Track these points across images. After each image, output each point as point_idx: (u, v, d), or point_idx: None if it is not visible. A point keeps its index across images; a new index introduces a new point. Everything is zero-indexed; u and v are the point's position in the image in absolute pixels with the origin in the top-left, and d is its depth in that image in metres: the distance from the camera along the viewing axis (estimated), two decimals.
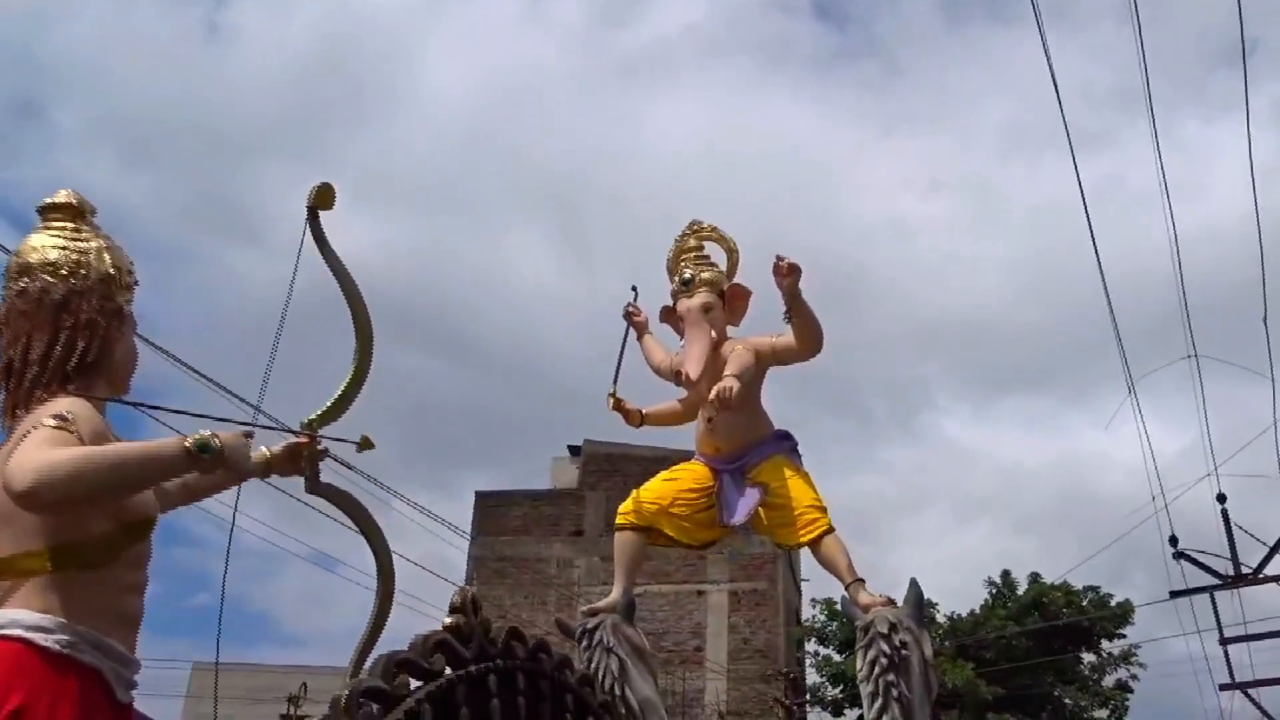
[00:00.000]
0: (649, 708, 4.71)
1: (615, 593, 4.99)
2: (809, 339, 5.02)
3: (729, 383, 4.79)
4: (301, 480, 3.02)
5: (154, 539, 2.83)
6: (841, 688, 21.64)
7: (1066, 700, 21.30)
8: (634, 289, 5.54)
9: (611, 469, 27.70)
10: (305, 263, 2.93)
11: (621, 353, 5.31)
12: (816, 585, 25.31)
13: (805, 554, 5.03)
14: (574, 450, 28.87)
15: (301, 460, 3.01)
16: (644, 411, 5.39)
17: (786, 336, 5.06)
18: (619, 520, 5.11)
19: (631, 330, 5.47)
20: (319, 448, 3.04)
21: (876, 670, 4.54)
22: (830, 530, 4.94)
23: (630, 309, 5.46)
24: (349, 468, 11.54)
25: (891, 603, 4.80)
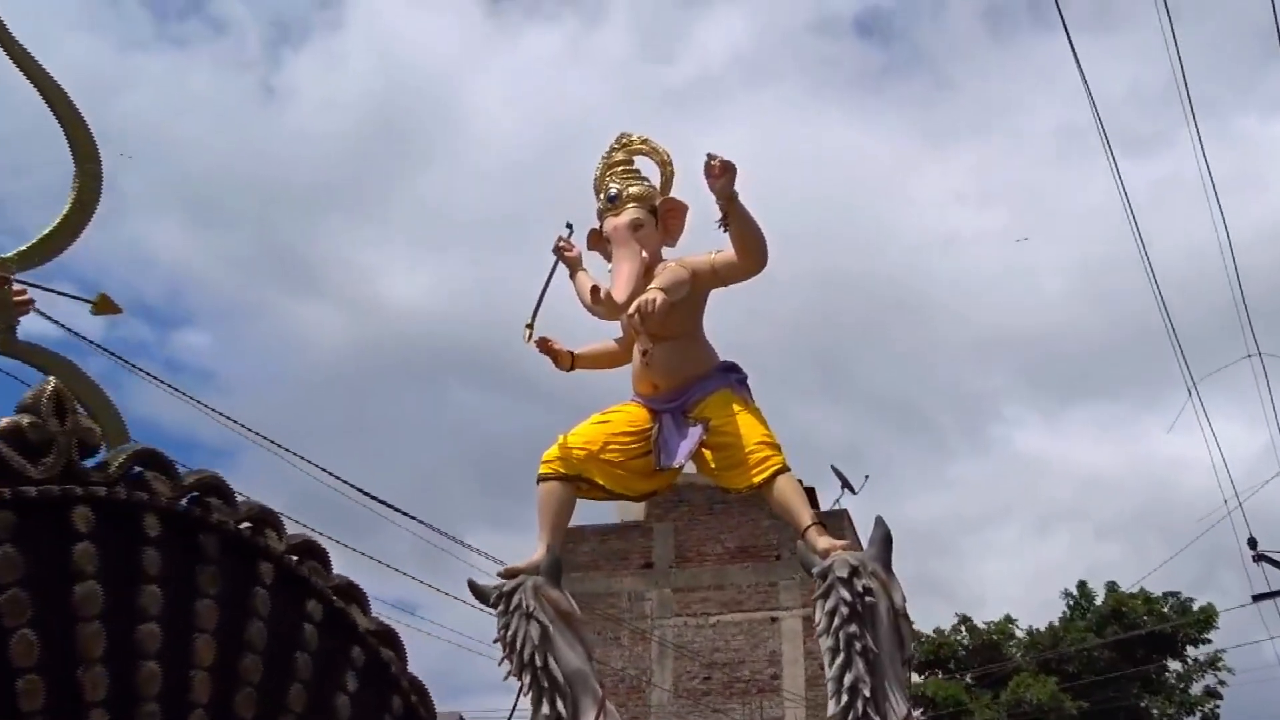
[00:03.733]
0: (577, 679, 4.11)
1: (538, 551, 4.37)
2: (750, 250, 4.39)
3: (652, 295, 4.19)
4: None
5: None
6: (922, 710, 20.82)
7: (1154, 710, 20.31)
8: (568, 225, 4.94)
9: (677, 499, 27.16)
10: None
11: (545, 287, 4.72)
12: None
13: None
14: None
15: None
16: (575, 353, 4.82)
17: (727, 252, 4.43)
18: (542, 469, 4.50)
19: (562, 266, 4.83)
20: (21, 297, 2.44)
21: (836, 621, 3.96)
22: (784, 469, 4.29)
23: (561, 243, 4.83)
24: (418, 520, 11.16)
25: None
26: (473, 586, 4.38)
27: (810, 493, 23.65)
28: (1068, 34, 7.04)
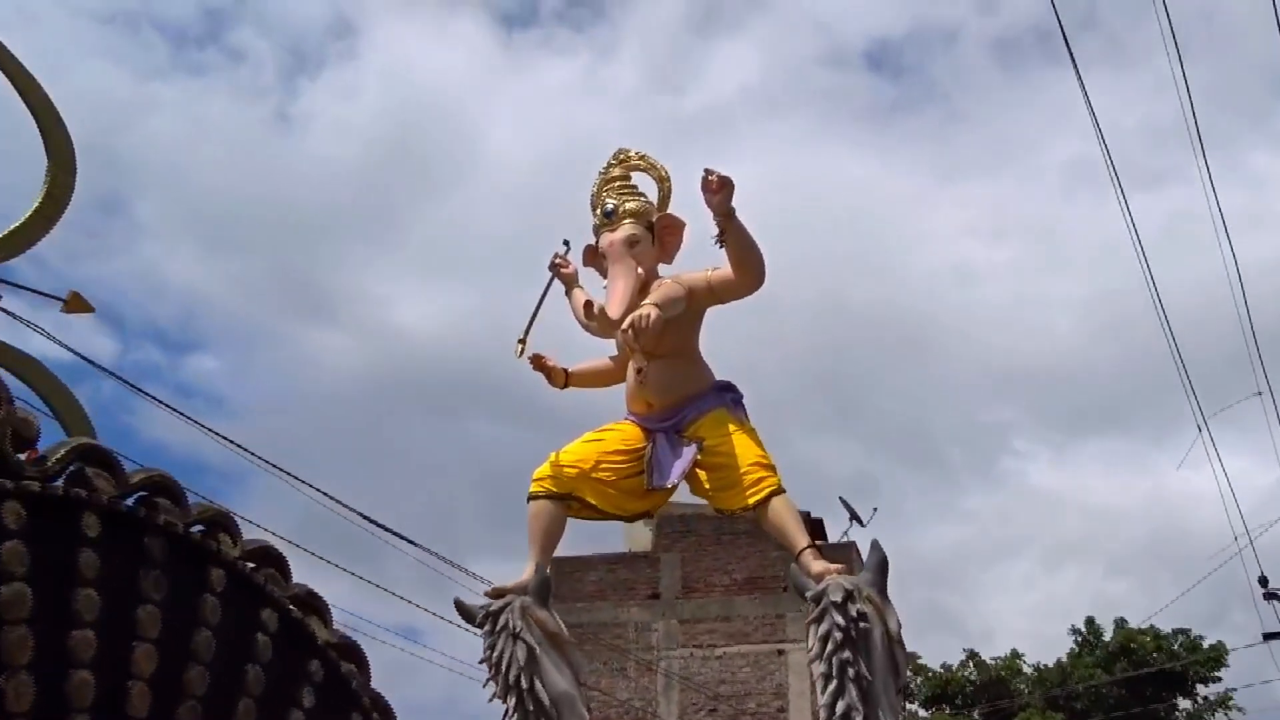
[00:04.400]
0: (564, 703, 4.02)
1: (526, 571, 4.28)
2: (748, 267, 4.31)
3: (646, 310, 4.10)
4: None
5: None
6: None
7: None
8: (565, 242, 4.85)
9: (685, 530, 26.99)
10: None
11: (539, 303, 4.61)
12: None
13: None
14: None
15: None
16: (569, 370, 4.74)
17: (723, 269, 4.35)
18: (533, 488, 4.42)
19: (558, 284, 4.74)
20: None
21: (830, 647, 3.85)
22: (780, 491, 4.20)
23: (557, 260, 4.75)
24: (421, 546, 11.18)
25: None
26: (459, 606, 4.28)
27: (818, 524, 23.47)
28: (1076, 69, 7.00)
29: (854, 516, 21.89)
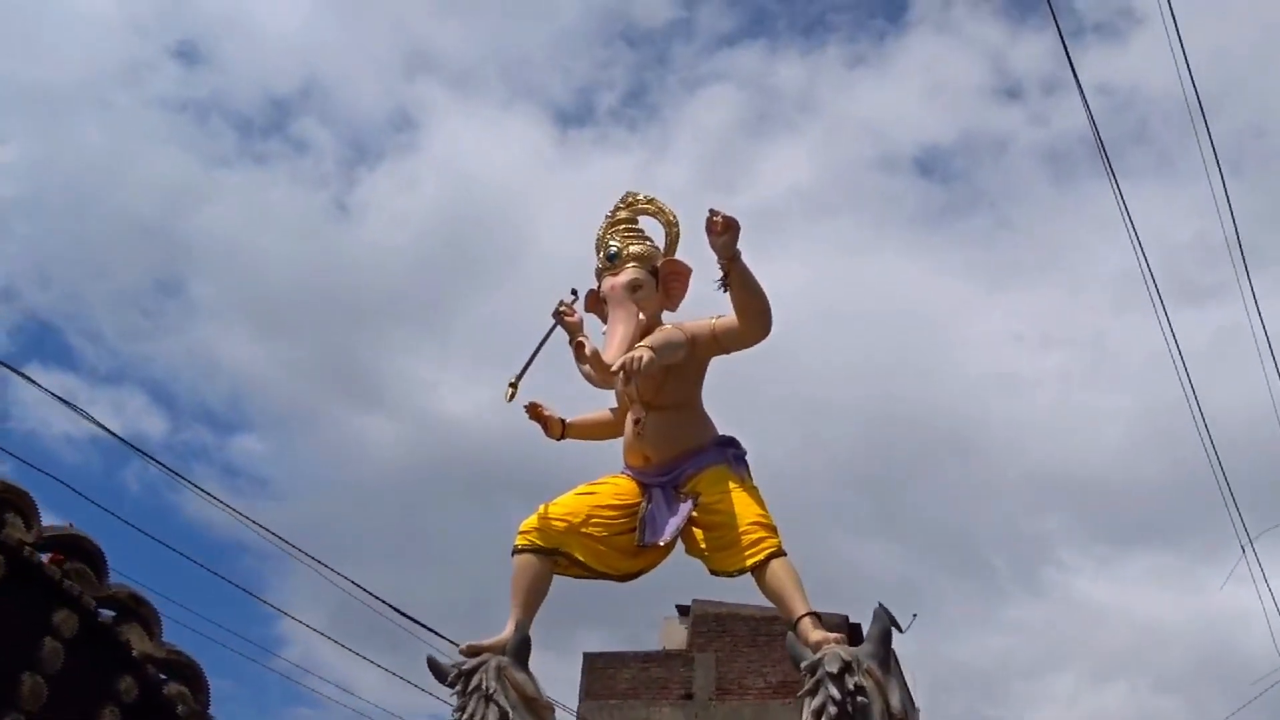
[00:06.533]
0: None
1: (506, 629, 4.00)
2: (751, 314, 4.08)
3: (639, 353, 3.87)
4: None
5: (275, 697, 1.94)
6: None
7: None
8: (574, 291, 4.62)
9: (720, 629, 26.51)
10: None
11: (537, 349, 4.37)
12: None
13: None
14: (682, 610, 27.69)
15: None
16: (566, 420, 4.50)
17: (728, 317, 4.12)
18: (519, 541, 4.15)
19: (562, 332, 4.51)
20: None
21: None
22: (780, 553, 3.92)
23: (563, 309, 4.51)
24: (446, 638, 11.24)
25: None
26: (431, 664, 4.00)
27: (855, 629, 22.85)
28: (1114, 181, 6.84)
29: (893, 622, 21.26)
